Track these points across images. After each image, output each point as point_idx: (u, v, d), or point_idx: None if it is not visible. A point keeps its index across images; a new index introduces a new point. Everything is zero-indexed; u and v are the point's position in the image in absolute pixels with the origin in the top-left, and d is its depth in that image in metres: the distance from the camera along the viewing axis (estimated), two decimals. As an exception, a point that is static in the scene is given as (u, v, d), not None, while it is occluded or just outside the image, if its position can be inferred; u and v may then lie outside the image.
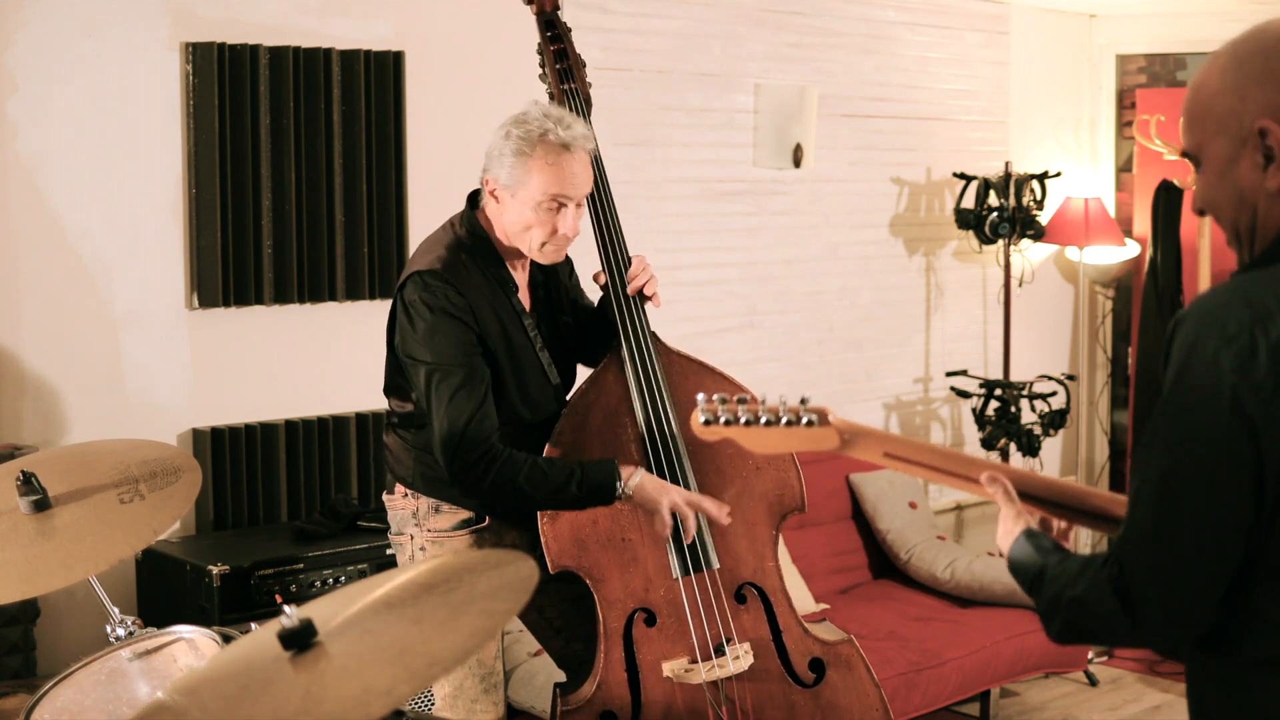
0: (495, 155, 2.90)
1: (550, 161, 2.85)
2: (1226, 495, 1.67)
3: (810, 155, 5.49)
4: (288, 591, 3.70)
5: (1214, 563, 1.69)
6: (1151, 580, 1.71)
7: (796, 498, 3.15)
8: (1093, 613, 1.77)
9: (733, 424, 2.03)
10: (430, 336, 2.85)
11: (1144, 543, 1.72)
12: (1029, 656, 4.83)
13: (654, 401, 3.03)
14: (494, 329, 2.91)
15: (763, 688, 3.06)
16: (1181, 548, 1.69)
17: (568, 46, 3.23)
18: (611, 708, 2.99)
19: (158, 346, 4.06)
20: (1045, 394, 5.81)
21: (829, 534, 5.23)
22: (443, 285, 2.85)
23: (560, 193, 2.86)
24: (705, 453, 3.08)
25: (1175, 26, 6.41)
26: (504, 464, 2.85)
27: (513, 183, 2.87)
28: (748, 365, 5.19)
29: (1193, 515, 1.68)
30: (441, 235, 2.98)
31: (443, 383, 2.84)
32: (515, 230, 2.92)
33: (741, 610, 3.08)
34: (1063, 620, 1.82)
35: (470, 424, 2.82)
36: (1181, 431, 1.69)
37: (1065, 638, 1.84)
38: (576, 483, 2.87)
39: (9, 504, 2.54)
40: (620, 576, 3.01)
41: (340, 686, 1.61)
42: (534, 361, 2.99)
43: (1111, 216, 6.31)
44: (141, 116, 4.00)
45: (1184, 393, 1.69)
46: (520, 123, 2.88)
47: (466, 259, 2.91)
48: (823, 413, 2.01)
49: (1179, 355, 1.70)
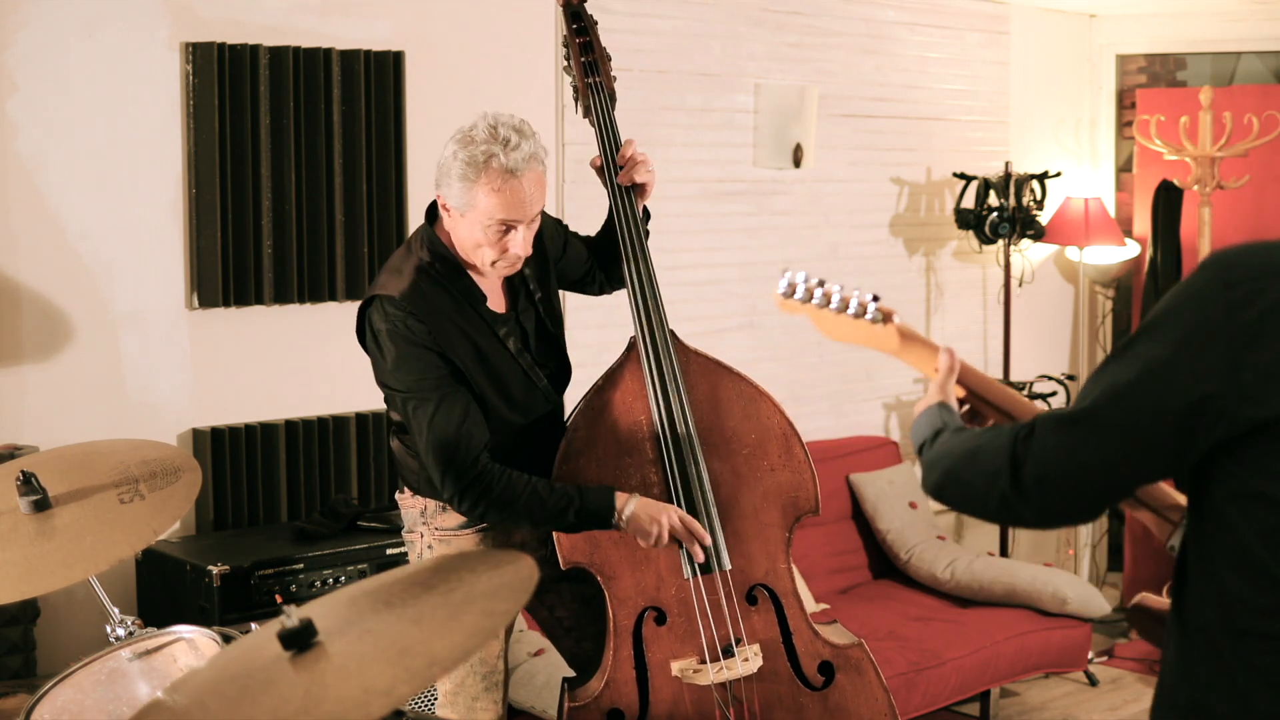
0: (444, 173, 2.85)
1: (496, 188, 2.80)
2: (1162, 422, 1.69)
3: (810, 155, 5.49)
4: (288, 591, 3.69)
5: (1117, 471, 1.73)
6: (1052, 457, 1.74)
7: (811, 500, 3.14)
8: (980, 466, 1.81)
9: (807, 302, 2.15)
10: (398, 367, 2.86)
11: (1066, 423, 1.75)
12: (1029, 656, 4.83)
13: (670, 399, 3.02)
14: (462, 347, 2.89)
15: (771, 689, 3.06)
16: (1096, 444, 1.72)
17: (594, 40, 3.18)
18: (619, 705, 2.99)
19: (158, 346, 4.06)
20: (1045, 394, 5.81)
21: (829, 534, 5.24)
22: (402, 315, 2.83)
23: (507, 218, 2.82)
24: (720, 452, 3.07)
25: (1175, 26, 6.41)
26: (502, 491, 2.85)
27: (462, 204, 2.84)
28: (748, 365, 5.13)
29: (1122, 424, 1.71)
30: (402, 257, 2.95)
31: (419, 409, 2.85)
32: (468, 247, 2.89)
33: (752, 611, 3.08)
34: (945, 469, 1.87)
35: (451, 448, 2.83)
36: (1147, 351, 1.71)
37: (940, 490, 1.89)
38: (575, 510, 2.89)
39: (9, 504, 2.54)
40: (632, 574, 3.01)
41: (340, 686, 1.61)
42: (513, 367, 2.97)
43: (1111, 216, 6.31)
44: (141, 116, 4.00)
45: (1167, 315, 1.72)
46: (467, 143, 2.81)
47: (427, 283, 2.88)
48: (889, 313, 2.10)
49: (1185, 280, 1.73)
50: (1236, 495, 1.71)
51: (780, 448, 3.11)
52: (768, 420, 3.11)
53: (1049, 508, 1.77)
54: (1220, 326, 1.67)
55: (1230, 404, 1.67)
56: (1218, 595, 1.73)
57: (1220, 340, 1.67)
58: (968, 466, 1.85)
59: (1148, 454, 1.72)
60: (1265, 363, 1.65)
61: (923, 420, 2.01)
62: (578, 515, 2.88)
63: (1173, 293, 1.73)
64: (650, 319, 3.05)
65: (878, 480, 5.36)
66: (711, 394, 3.09)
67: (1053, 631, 4.89)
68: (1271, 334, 1.66)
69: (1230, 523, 1.72)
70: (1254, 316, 1.66)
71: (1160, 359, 1.70)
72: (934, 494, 1.92)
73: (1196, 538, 1.78)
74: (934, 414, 2.00)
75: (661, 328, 3.05)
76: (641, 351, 3.05)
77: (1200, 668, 1.76)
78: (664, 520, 2.92)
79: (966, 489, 1.85)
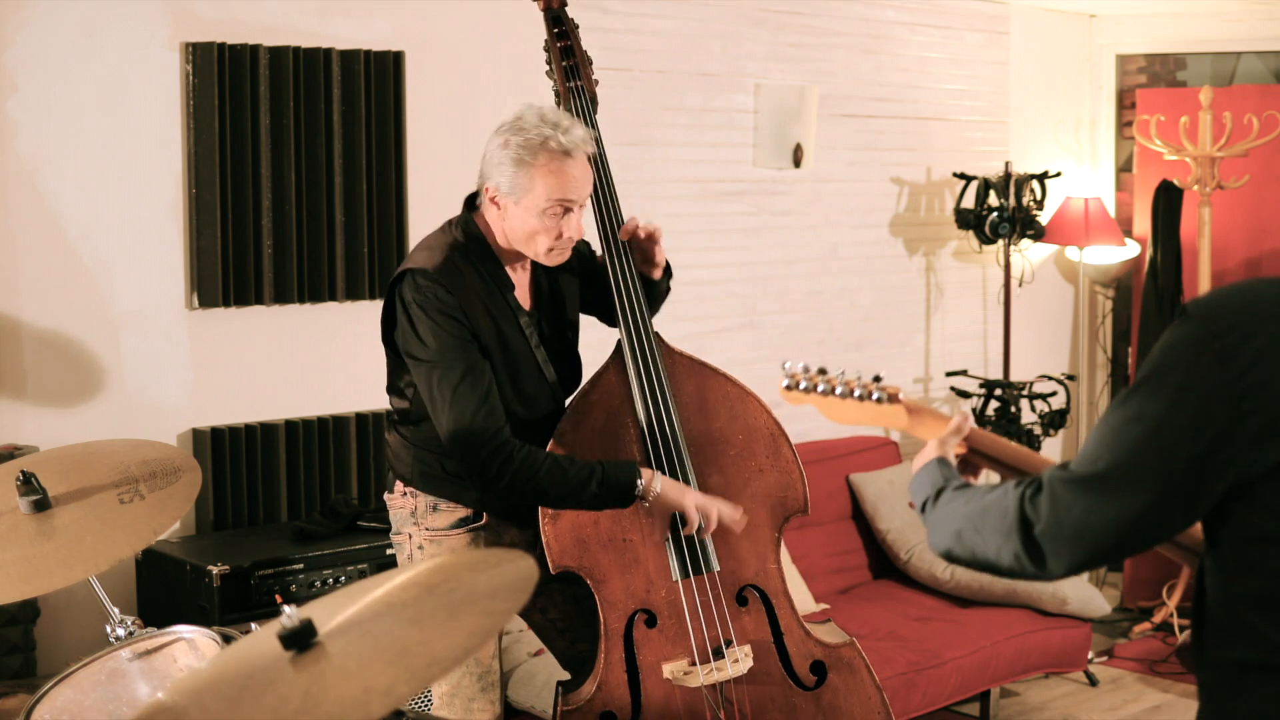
0: (494, 163, 2.89)
1: (554, 169, 2.85)
2: (1172, 477, 1.69)
3: (810, 155, 5.49)
4: (288, 591, 3.70)
5: (1132, 528, 1.72)
6: (1065, 519, 1.74)
7: (799, 500, 3.14)
8: (991, 528, 1.81)
9: (811, 392, 2.22)
10: (427, 335, 2.87)
11: (1076, 484, 1.75)
12: (1029, 656, 4.83)
13: (656, 402, 3.03)
14: (487, 326, 2.92)
15: (764, 690, 3.06)
16: (1108, 505, 1.71)
17: (574, 43, 3.22)
18: (611, 708, 2.99)
19: (158, 346, 4.06)
20: (1045, 394, 5.81)
21: (829, 534, 5.24)
22: (432, 285, 2.86)
23: (564, 198, 2.87)
24: (707, 454, 3.08)
25: (1175, 26, 6.41)
26: (523, 461, 2.85)
27: (516, 190, 2.87)
28: (748, 365, 5.19)
29: (1133, 484, 1.71)
30: (437, 236, 2.99)
31: (444, 379, 2.86)
32: (520, 236, 2.92)
33: (742, 612, 3.08)
34: (954, 531, 1.87)
35: (477, 417, 2.83)
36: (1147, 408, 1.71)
37: (950, 554, 1.89)
38: (597, 481, 2.87)
39: (9, 504, 2.54)
40: (621, 577, 3.01)
41: (340, 686, 1.61)
42: (529, 359, 3.00)
43: (1111, 216, 6.31)
44: (141, 116, 4.00)
45: (1161, 371, 1.72)
46: (519, 130, 2.87)
47: (460, 260, 2.92)
48: (893, 392, 2.15)
49: (1168, 332, 1.74)
50: (1253, 538, 1.72)
51: (768, 448, 3.11)
52: (755, 421, 3.11)
53: (1068, 565, 1.77)
54: (1215, 376, 1.68)
55: (1237, 451, 1.68)
56: (1242, 632, 1.74)
57: (1218, 390, 1.68)
58: (976, 529, 1.84)
59: (1161, 510, 1.72)
60: (1265, 407, 1.66)
61: (923, 477, 2.02)
62: (600, 486, 2.87)
63: (1161, 347, 1.74)
64: (636, 321, 3.06)
65: (878, 480, 5.36)
66: (698, 395, 3.09)
67: (1053, 631, 4.89)
68: (1266, 377, 1.67)
69: (1250, 563, 1.73)
70: (1246, 362, 1.67)
71: (1162, 416, 1.70)
72: (944, 556, 1.91)
73: (1218, 576, 1.78)
74: (933, 470, 2.01)
75: (647, 330, 3.06)
76: (627, 354, 3.05)
77: (1225, 703, 1.77)
78: (692, 494, 2.94)
79: (977, 551, 1.85)
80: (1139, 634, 5.87)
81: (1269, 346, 1.67)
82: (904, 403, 2.15)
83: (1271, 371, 1.67)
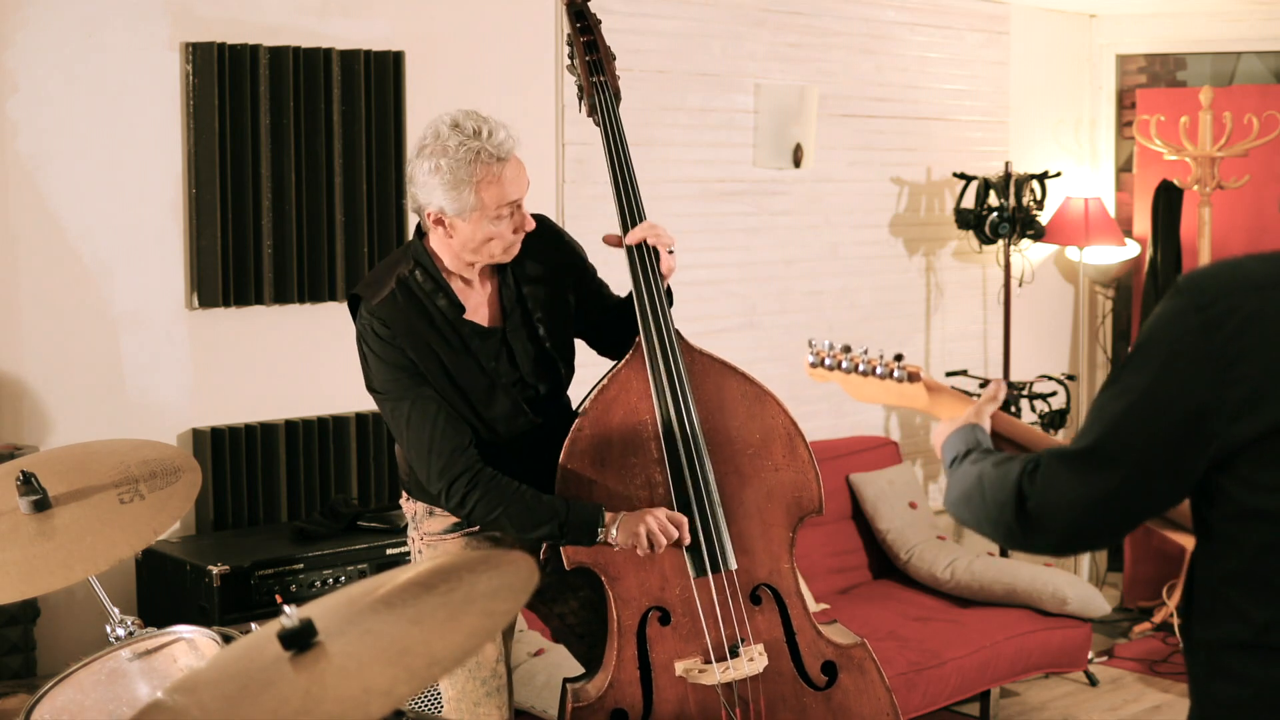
0: (430, 188, 2.86)
1: (493, 179, 2.84)
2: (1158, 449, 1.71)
3: (810, 155, 5.49)
4: (288, 591, 3.69)
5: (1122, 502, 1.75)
6: (1056, 493, 1.76)
7: (814, 500, 3.14)
8: (990, 496, 1.84)
9: (835, 369, 2.25)
10: (373, 367, 2.93)
11: (1068, 459, 1.77)
12: (1029, 656, 4.83)
13: (676, 399, 3.02)
14: (428, 361, 2.91)
15: (775, 689, 3.06)
16: (1097, 479, 1.74)
17: (598, 38, 3.20)
18: (623, 705, 2.99)
19: (158, 346, 4.06)
20: (1045, 394, 5.81)
21: (829, 534, 5.24)
22: (369, 318, 2.91)
23: (511, 200, 2.88)
24: (724, 452, 3.07)
25: (1175, 26, 6.41)
26: (488, 484, 2.87)
27: (463, 209, 2.85)
28: (748, 365, 5.12)
29: (1120, 457, 1.73)
30: (388, 266, 3.01)
31: (396, 409, 2.92)
32: (473, 247, 2.90)
33: (756, 612, 3.08)
34: (962, 491, 1.91)
35: (431, 441, 2.88)
36: (1134, 382, 1.73)
37: (955, 511, 1.94)
38: (560, 523, 2.89)
39: (9, 504, 2.54)
40: (636, 574, 3.00)
41: (340, 686, 1.61)
42: (480, 382, 2.96)
43: (1111, 216, 6.31)
44: (141, 116, 4.00)
45: (1148, 344, 1.74)
46: (443, 151, 2.84)
47: (402, 293, 2.91)
48: (914, 372, 2.19)
49: (1158, 306, 1.76)
50: (1237, 514, 1.72)
51: (784, 447, 3.11)
52: (772, 420, 3.11)
53: (1056, 540, 1.80)
54: (1199, 348, 1.69)
55: (1220, 423, 1.68)
56: (1225, 612, 1.74)
57: (1201, 362, 1.68)
58: (979, 494, 1.88)
59: (1149, 482, 1.74)
60: (1248, 378, 1.67)
61: (955, 437, 2.04)
62: (562, 527, 2.89)
63: (1150, 321, 1.75)
64: (657, 317, 3.04)
65: (878, 480, 5.36)
66: (716, 394, 3.09)
67: (1053, 631, 4.89)
68: (1250, 348, 1.67)
69: (1231, 539, 1.73)
70: (1230, 333, 1.68)
71: (1146, 388, 1.71)
72: (951, 512, 1.96)
73: (1203, 556, 1.79)
74: (968, 432, 2.03)
75: (667, 327, 3.05)
76: (646, 351, 3.04)
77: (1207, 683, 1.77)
78: (641, 530, 2.91)
79: (977, 514, 1.89)
80: (1139, 634, 5.87)
81: (1254, 318, 1.68)
82: (924, 381, 2.18)
83: (1256, 343, 1.67)
